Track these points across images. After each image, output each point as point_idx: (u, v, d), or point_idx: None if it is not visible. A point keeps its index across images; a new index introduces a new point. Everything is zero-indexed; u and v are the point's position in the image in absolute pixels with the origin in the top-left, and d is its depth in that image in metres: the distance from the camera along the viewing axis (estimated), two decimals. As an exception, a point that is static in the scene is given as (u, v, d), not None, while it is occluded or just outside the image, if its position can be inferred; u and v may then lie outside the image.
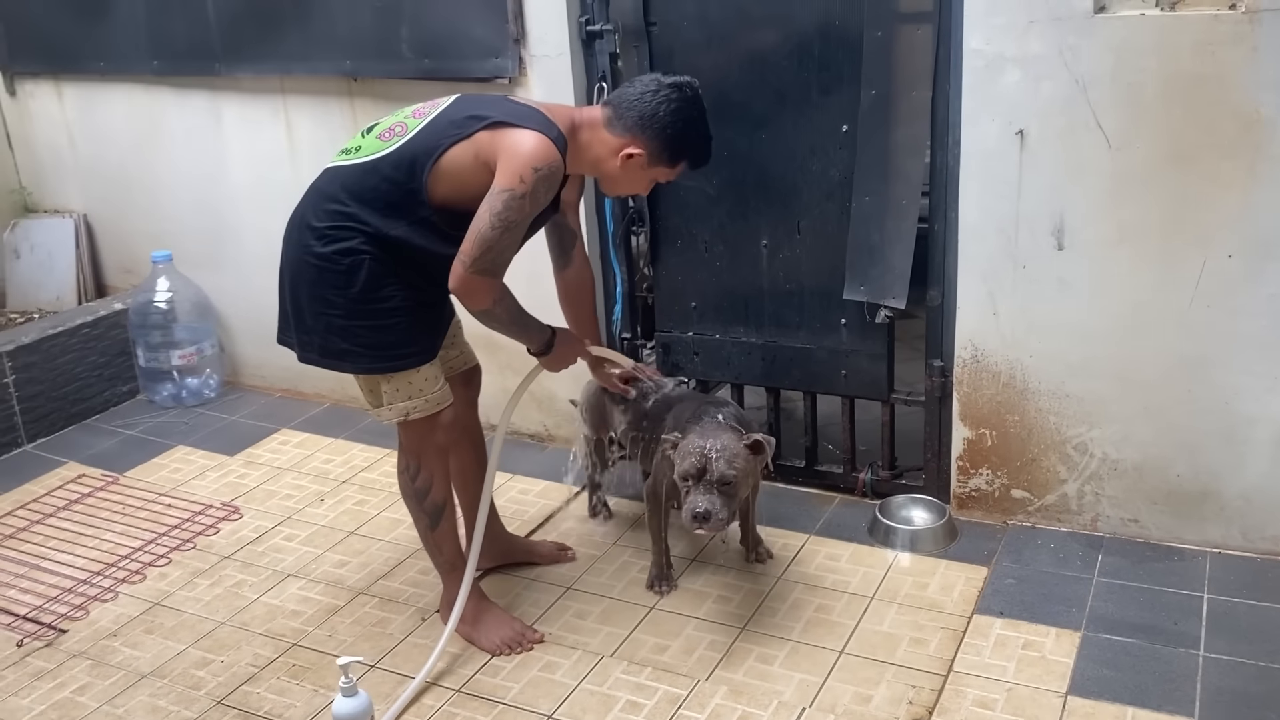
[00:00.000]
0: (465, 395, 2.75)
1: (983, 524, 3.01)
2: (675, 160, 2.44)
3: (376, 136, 2.40)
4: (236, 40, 3.70)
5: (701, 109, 2.43)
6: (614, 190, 2.59)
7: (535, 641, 2.64)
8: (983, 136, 2.71)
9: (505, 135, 2.28)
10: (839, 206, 2.97)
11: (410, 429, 2.52)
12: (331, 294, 2.37)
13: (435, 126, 2.35)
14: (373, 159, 2.35)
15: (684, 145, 2.43)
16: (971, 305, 2.86)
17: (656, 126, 2.37)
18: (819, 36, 2.88)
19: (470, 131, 2.30)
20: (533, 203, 2.27)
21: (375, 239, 2.34)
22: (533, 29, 3.17)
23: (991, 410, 2.92)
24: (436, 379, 2.50)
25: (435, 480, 2.57)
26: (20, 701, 2.58)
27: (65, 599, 2.98)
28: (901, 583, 2.79)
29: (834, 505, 3.19)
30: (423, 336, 2.47)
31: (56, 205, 4.51)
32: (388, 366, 2.44)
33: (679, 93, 2.38)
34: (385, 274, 2.36)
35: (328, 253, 2.35)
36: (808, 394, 3.26)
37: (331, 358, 2.46)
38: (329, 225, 2.36)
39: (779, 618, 2.69)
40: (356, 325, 2.39)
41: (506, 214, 2.25)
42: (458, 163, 2.30)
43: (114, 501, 3.50)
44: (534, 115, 2.33)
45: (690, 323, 3.30)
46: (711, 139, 2.48)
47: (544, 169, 2.25)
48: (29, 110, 4.39)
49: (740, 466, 2.43)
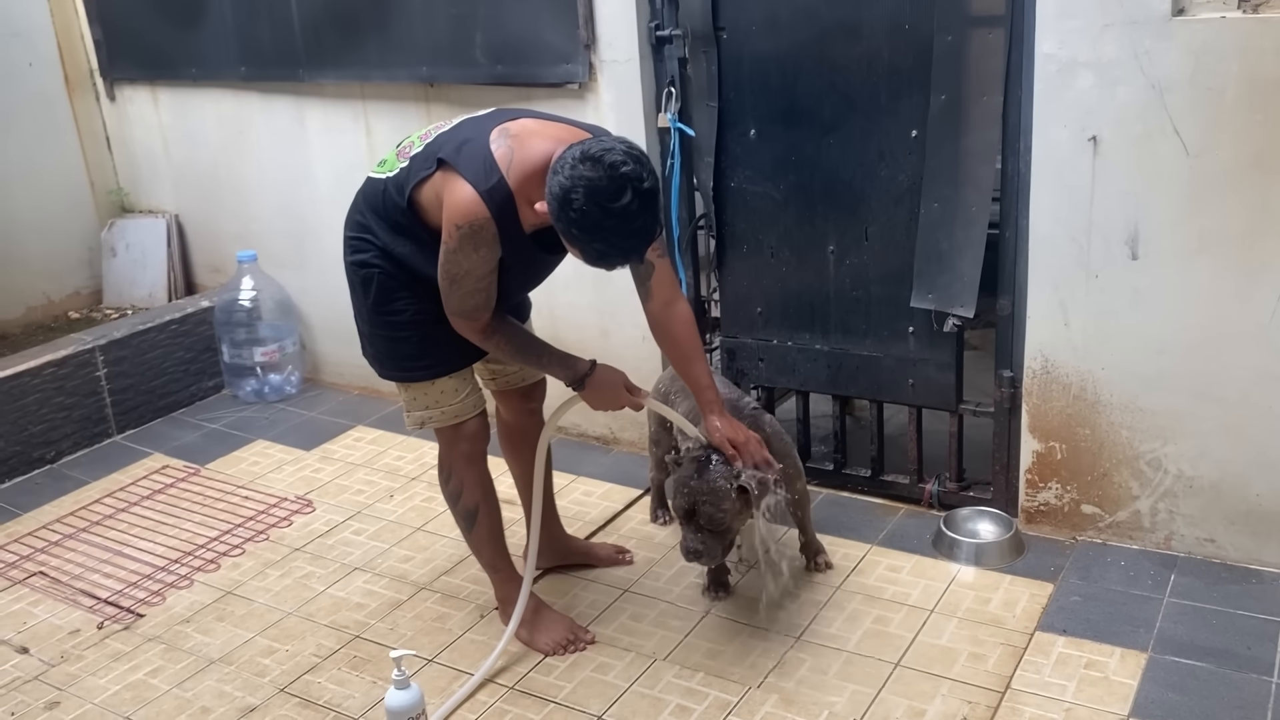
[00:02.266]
0: (525, 406, 2.77)
1: (1051, 539, 2.93)
2: (565, 237, 2.14)
3: (397, 154, 2.42)
4: (319, 47, 3.80)
5: (604, 201, 2.01)
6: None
7: (588, 642, 2.66)
8: (1055, 143, 2.65)
9: (446, 181, 2.23)
10: (907, 212, 2.94)
11: (439, 436, 2.58)
12: (358, 302, 2.49)
13: (421, 157, 2.33)
14: (387, 177, 2.39)
15: (561, 229, 2.11)
16: (1042, 315, 2.80)
17: (547, 193, 2.11)
18: (888, 41, 2.84)
19: (431, 170, 2.26)
20: (465, 258, 2.21)
21: (385, 254, 2.39)
22: (603, 34, 3.19)
23: (1062, 423, 2.85)
24: (456, 391, 2.51)
25: (466, 485, 2.59)
26: (97, 681, 2.69)
27: (144, 584, 3.10)
28: (963, 597, 2.74)
29: (899, 516, 3.15)
30: (438, 350, 2.46)
31: (151, 206, 4.69)
32: (403, 376, 2.51)
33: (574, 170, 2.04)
34: (396, 288, 2.40)
35: (350, 262, 2.46)
36: (874, 402, 3.22)
37: (369, 359, 2.58)
38: (354, 236, 2.45)
39: (835, 628, 2.66)
40: (376, 334, 2.49)
41: (447, 267, 2.26)
42: (428, 199, 2.31)
43: (194, 492, 3.63)
44: (481, 158, 2.18)
45: (755, 328, 3.29)
46: (610, 241, 2.08)
47: (465, 227, 2.18)
48: (127, 114, 4.58)
49: (728, 509, 2.43)
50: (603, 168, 2.03)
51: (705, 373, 2.52)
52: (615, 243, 2.11)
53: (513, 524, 2.81)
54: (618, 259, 2.15)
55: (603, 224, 2.06)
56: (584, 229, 2.07)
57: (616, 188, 2.03)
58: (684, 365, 2.53)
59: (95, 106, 4.63)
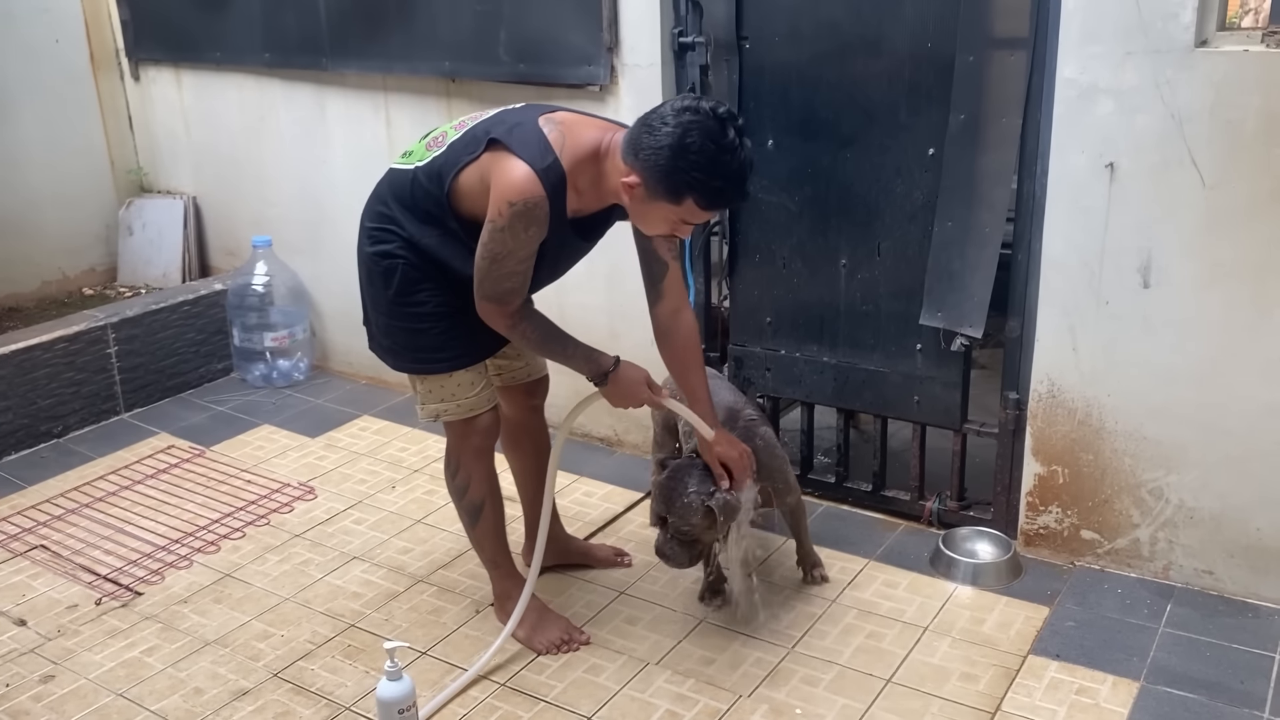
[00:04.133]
0: (528, 402, 2.78)
1: (1049, 563, 2.93)
2: (674, 195, 2.16)
3: (425, 145, 2.43)
4: (343, 37, 3.82)
5: (706, 138, 2.11)
6: (638, 224, 2.33)
7: (582, 643, 2.66)
8: (1071, 167, 2.65)
9: (498, 161, 2.24)
10: (921, 230, 2.94)
11: (449, 429, 2.57)
12: (377, 293, 2.47)
13: (463, 141, 2.34)
14: (416, 167, 2.39)
15: (677, 177, 2.14)
16: (1050, 339, 2.80)
17: (646, 151, 2.14)
18: (910, 58, 2.85)
19: (479, 151, 2.27)
20: (513, 237, 2.22)
21: (410, 245, 2.39)
22: (626, 38, 3.20)
23: (1065, 447, 2.85)
24: (473, 385, 2.51)
25: (473, 480, 2.59)
26: (93, 657, 2.71)
27: (144, 563, 3.11)
28: (958, 616, 2.74)
29: (898, 532, 3.15)
30: (459, 343, 2.47)
31: (169, 187, 4.72)
32: (420, 368, 2.50)
33: (677, 116, 2.13)
34: (420, 279, 2.40)
35: (371, 253, 2.44)
36: (879, 417, 3.22)
37: (382, 351, 2.57)
38: (375, 226, 2.44)
39: (829, 641, 2.67)
40: (395, 325, 2.48)
41: (491, 245, 2.25)
42: (470, 183, 2.30)
43: (198, 473, 3.64)
44: (536, 139, 2.23)
45: (764, 338, 3.30)
46: (726, 176, 2.15)
47: (519, 204, 2.19)
48: (150, 95, 4.61)
49: (695, 524, 2.49)
50: (704, 112, 2.13)
51: (703, 384, 2.55)
52: (732, 178, 2.17)
53: (511, 520, 2.82)
54: (734, 196, 2.23)
55: (719, 159, 2.13)
56: (704, 169, 2.13)
57: (722, 126, 2.13)
58: (683, 374, 2.56)
59: (119, 86, 4.66)
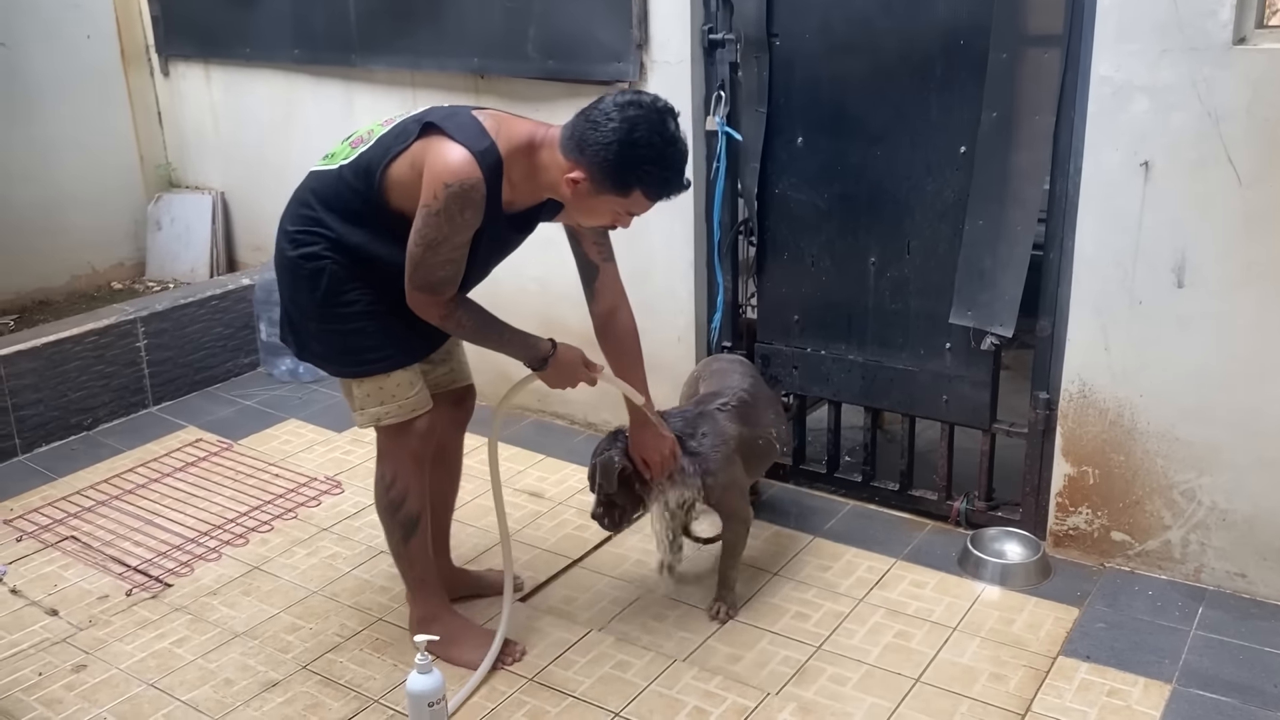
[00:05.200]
0: (453, 416, 2.67)
1: (1078, 564, 2.91)
2: (622, 188, 2.19)
3: (349, 144, 2.38)
4: (372, 33, 3.83)
5: (653, 130, 2.15)
6: (578, 218, 2.36)
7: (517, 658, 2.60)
8: (1105, 166, 2.63)
9: (432, 145, 2.20)
10: (951, 228, 2.92)
11: (385, 435, 2.48)
12: (303, 297, 2.39)
13: (391, 134, 2.30)
14: (339, 166, 2.35)
15: (626, 171, 2.16)
16: (1082, 338, 2.78)
17: (593, 148, 2.15)
18: (942, 55, 2.83)
19: (411, 139, 2.24)
20: (449, 221, 2.18)
21: (337, 245, 2.33)
22: (655, 35, 3.20)
23: (1096, 448, 2.83)
24: (411, 385, 2.44)
25: (410, 492, 2.49)
26: (124, 647, 2.73)
27: (174, 555, 3.13)
28: (987, 616, 2.73)
29: (925, 532, 3.14)
30: (394, 342, 2.40)
31: (197, 182, 4.75)
32: (355, 371, 2.42)
33: (621, 111, 2.15)
34: (348, 279, 2.33)
35: (294, 257, 2.36)
36: (907, 417, 3.21)
37: (314, 358, 2.50)
38: (298, 230, 2.37)
39: (857, 640, 2.66)
40: (327, 329, 2.39)
41: (425, 231, 2.19)
42: (402, 172, 2.25)
43: (226, 467, 3.66)
44: (470, 126, 2.22)
45: (791, 336, 3.29)
46: (671, 167, 2.19)
47: (455, 185, 2.15)
48: (180, 91, 4.64)
49: (600, 483, 2.58)
50: (645, 106, 2.17)
51: (642, 381, 2.60)
52: (675, 168, 2.21)
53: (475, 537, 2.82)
54: (678, 186, 2.24)
55: (665, 152, 2.18)
56: (653, 161, 2.17)
57: (663, 118, 2.18)
58: (624, 371, 2.59)
59: (149, 81, 4.70)
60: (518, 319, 2.46)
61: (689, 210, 3.30)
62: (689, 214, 3.30)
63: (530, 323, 3.22)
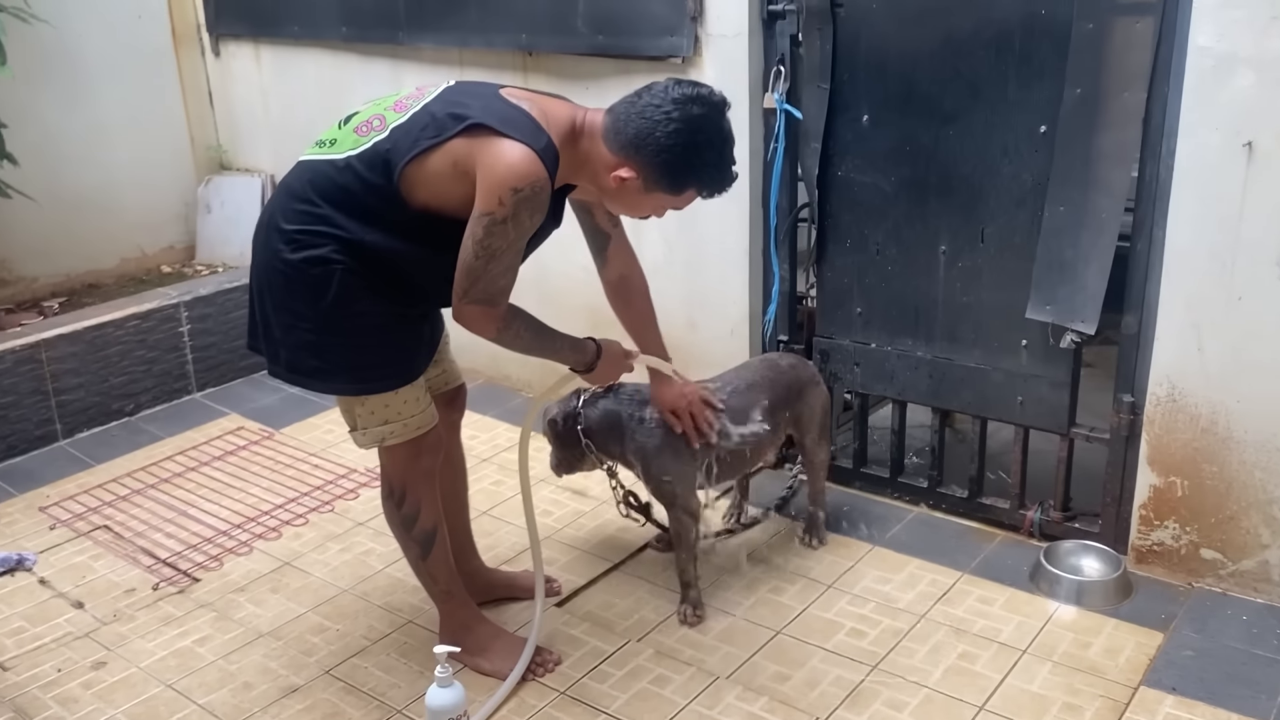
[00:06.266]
0: (447, 417, 2.48)
1: (1163, 583, 2.67)
2: (677, 188, 2.12)
3: (353, 130, 2.13)
4: (419, 10, 3.70)
5: (715, 130, 2.09)
6: (615, 209, 2.29)
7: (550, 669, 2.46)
8: (1203, 147, 2.39)
9: (485, 145, 2.00)
10: (1029, 215, 2.69)
11: (391, 454, 2.29)
12: (301, 306, 2.13)
13: (414, 123, 2.07)
14: (346, 156, 2.10)
15: (686, 172, 2.10)
16: (1172, 337, 2.54)
17: (651, 149, 2.05)
18: (1021, 26, 2.60)
19: (448, 135, 2.03)
20: (516, 228, 2.02)
21: (349, 246, 2.09)
22: (711, 7, 3.01)
23: (1185, 457, 2.58)
24: (418, 401, 2.25)
25: (424, 506, 2.33)
26: (145, 644, 2.63)
27: (204, 548, 3.04)
28: (1061, 639, 2.51)
29: (995, 543, 2.91)
30: (402, 356, 2.22)
31: (247, 164, 4.67)
32: (361, 388, 2.21)
33: (683, 110, 2.04)
34: (360, 287, 2.10)
35: (296, 260, 2.10)
36: (978, 418, 2.98)
37: (301, 375, 2.22)
38: (298, 229, 2.10)
39: (916, 660, 2.45)
40: (328, 341, 2.15)
41: (489, 241, 2.01)
42: (435, 170, 2.04)
43: (265, 456, 3.57)
44: (522, 120, 2.04)
45: (853, 330, 3.08)
46: (728, 165, 2.13)
47: (525, 189, 1.98)
48: (230, 71, 4.55)
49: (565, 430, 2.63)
50: (706, 102, 2.08)
51: (659, 340, 2.58)
52: (729, 161, 2.15)
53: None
54: (730, 182, 2.18)
55: (724, 152, 2.13)
56: (714, 163, 2.12)
57: (723, 115, 2.12)
58: (640, 331, 2.55)
59: (200, 62, 4.62)
60: (566, 309, 2.33)
61: (744, 195, 3.10)
62: (744, 199, 3.11)
63: (579, 313, 3.11)
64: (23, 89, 4.01)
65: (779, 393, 2.74)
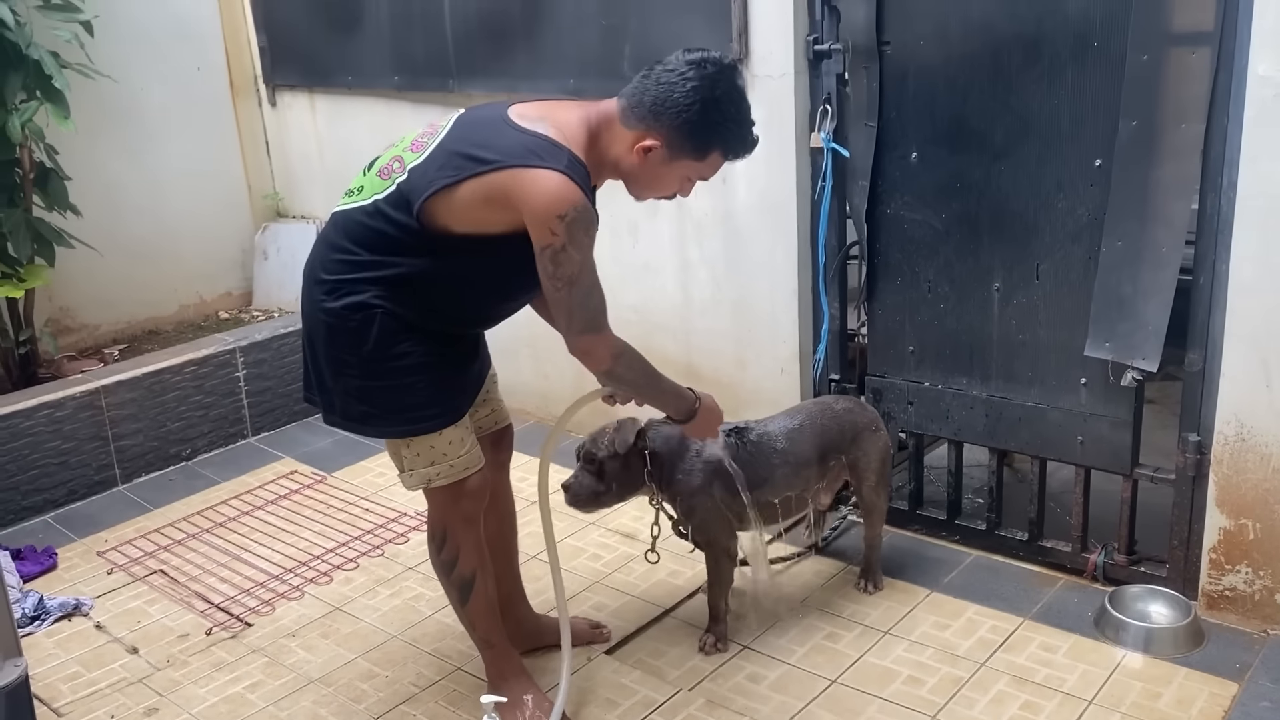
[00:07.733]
0: (495, 458, 2.48)
1: (1237, 630, 2.57)
2: (701, 150, 2.12)
3: (376, 174, 2.17)
4: (469, 58, 3.75)
5: (731, 86, 2.10)
6: (641, 191, 2.22)
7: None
8: (1266, 177, 2.32)
9: (516, 180, 2.01)
10: (1086, 250, 2.63)
11: (434, 496, 2.30)
12: (345, 354, 2.17)
13: (430, 163, 2.09)
14: (373, 200, 2.13)
15: (709, 132, 2.10)
16: (1239, 374, 2.45)
17: (672, 110, 2.06)
18: (1073, 59, 2.56)
19: (467, 175, 2.04)
20: (578, 249, 2.03)
21: (389, 288, 2.12)
22: (756, 48, 3.00)
23: (1257, 498, 2.49)
24: (463, 442, 2.25)
25: (463, 551, 2.32)
26: (197, 690, 2.64)
27: (257, 592, 3.05)
28: (1128, 689, 2.41)
29: (1057, 587, 2.82)
30: (445, 397, 2.22)
31: (303, 211, 4.74)
32: (406, 430, 2.22)
33: (698, 69, 2.06)
34: (400, 329, 2.13)
35: (337, 308, 2.13)
36: (1037, 459, 2.91)
37: (352, 421, 2.26)
38: (337, 278, 2.14)
39: (977, 711, 2.37)
40: (373, 386, 2.18)
41: (560, 271, 2.03)
42: (465, 202, 2.05)
43: (318, 500, 3.59)
44: (541, 145, 2.04)
45: (906, 369, 3.03)
46: (748, 123, 2.14)
47: (569, 213, 1.99)
48: (286, 120, 4.64)
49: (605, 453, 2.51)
50: (718, 62, 2.10)
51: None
52: (750, 124, 2.16)
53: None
54: (753, 143, 2.19)
55: (742, 109, 2.14)
56: (734, 119, 2.13)
57: (737, 73, 2.16)
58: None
59: (257, 111, 4.72)
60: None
61: (792, 233, 3.08)
62: (792, 237, 3.08)
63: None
64: (85, 142, 4.12)
65: (830, 438, 2.69)
